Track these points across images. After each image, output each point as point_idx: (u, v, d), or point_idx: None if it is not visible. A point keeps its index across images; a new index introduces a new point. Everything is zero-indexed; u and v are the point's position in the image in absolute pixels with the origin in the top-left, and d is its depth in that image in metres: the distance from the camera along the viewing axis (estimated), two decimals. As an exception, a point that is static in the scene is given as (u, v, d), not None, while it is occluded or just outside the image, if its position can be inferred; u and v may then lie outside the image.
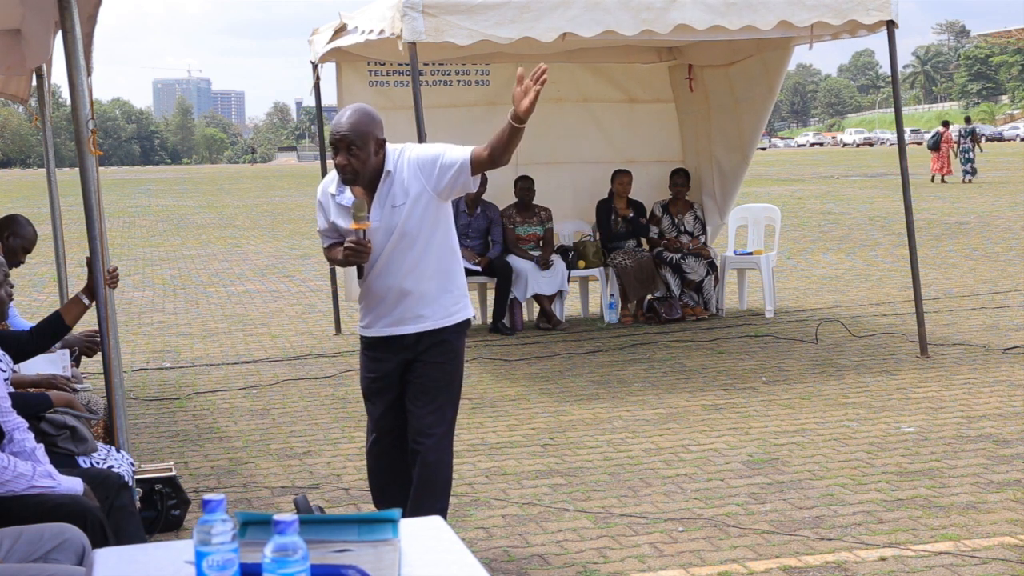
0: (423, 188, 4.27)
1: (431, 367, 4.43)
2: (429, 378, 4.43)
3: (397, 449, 4.60)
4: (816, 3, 7.95)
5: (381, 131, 4.26)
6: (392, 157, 4.29)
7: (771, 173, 42.10)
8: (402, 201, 4.26)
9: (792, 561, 4.42)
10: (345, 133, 4.19)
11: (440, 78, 10.30)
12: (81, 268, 5.22)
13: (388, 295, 4.38)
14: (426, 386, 4.44)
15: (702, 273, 10.20)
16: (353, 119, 4.21)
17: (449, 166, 4.23)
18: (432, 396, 4.44)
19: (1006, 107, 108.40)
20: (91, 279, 4.71)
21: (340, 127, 4.20)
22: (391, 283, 4.36)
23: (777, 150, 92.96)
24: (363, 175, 4.25)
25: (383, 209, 4.28)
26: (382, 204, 4.28)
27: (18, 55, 7.08)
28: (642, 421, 6.71)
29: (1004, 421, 6.43)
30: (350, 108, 4.29)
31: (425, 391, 4.44)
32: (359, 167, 4.22)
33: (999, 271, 13.21)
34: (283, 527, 2.07)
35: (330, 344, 9.73)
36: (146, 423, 7.08)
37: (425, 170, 4.26)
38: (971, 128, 32.37)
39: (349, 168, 4.22)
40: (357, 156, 4.20)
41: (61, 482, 3.62)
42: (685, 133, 11.15)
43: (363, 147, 4.19)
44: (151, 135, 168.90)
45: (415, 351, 4.42)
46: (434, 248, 4.36)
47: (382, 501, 4.67)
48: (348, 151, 4.20)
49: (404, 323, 4.40)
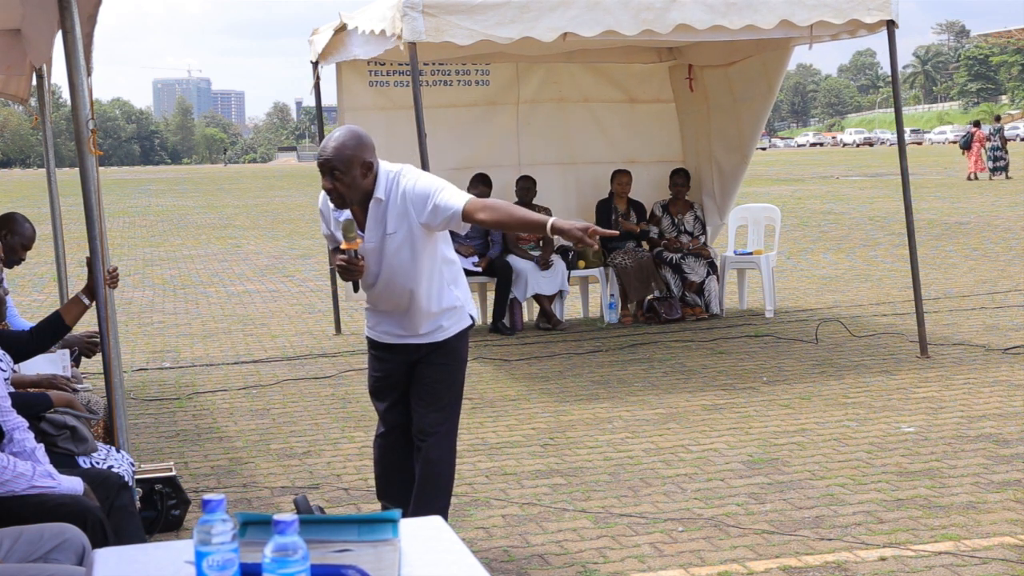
0: (414, 221, 4.22)
1: (434, 368, 4.49)
2: (432, 379, 4.49)
3: (404, 444, 4.66)
4: (816, 3, 7.95)
5: (371, 154, 4.18)
6: (384, 182, 4.22)
7: (771, 173, 42.11)
8: (393, 229, 4.23)
9: (792, 561, 4.42)
10: (328, 158, 4.12)
11: (440, 78, 10.30)
12: (81, 268, 5.21)
13: (390, 313, 4.46)
14: (430, 386, 4.49)
15: (702, 273, 10.20)
16: (338, 143, 4.13)
17: (443, 210, 4.14)
18: (435, 396, 4.50)
19: (1006, 107, 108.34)
20: (91, 279, 4.71)
21: (325, 152, 4.14)
22: (390, 305, 4.43)
23: (777, 150, 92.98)
24: (350, 197, 4.18)
25: (376, 232, 4.26)
26: (375, 227, 4.25)
27: (18, 55, 7.08)
28: (642, 421, 6.71)
29: (1004, 421, 6.43)
30: (338, 131, 4.21)
31: (429, 391, 4.50)
32: (344, 191, 4.16)
33: (999, 271, 13.21)
34: (283, 527, 2.07)
35: (330, 344, 9.73)
36: (146, 423, 7.07)
37: (417, 206, 4.19)
38: (999, 127, 32.74)
39: (335, 192, 4.17)
40: (341, 180, 4.13)
41: (61, 482, 3.62)
42: (685, 133, 11.15)
43: (347, 171, 4.12)
44: (151, 135, 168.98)
45: (419, 355, 4.49)
46: (430, 269, 4.35)
47: (387, 493, 4.72)
48: (331, 175, 4.13)
49: (407, 337, 4.47)
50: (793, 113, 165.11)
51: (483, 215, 4.09)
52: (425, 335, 4.45)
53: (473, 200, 4.13)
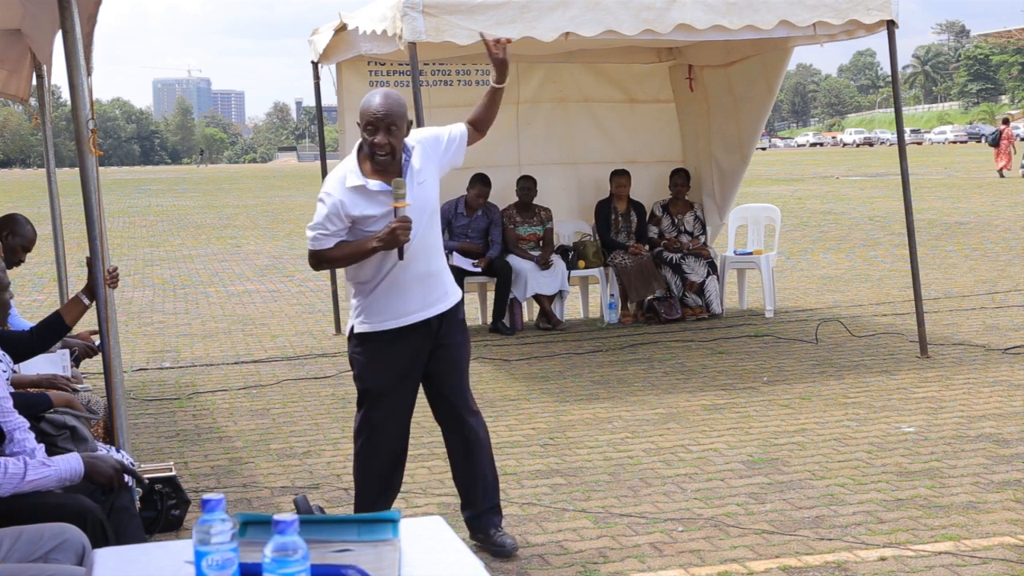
0: (433, 165, 4.46)
1: (454, 349, 4.57)
2: (457, 356, 4.59)
3: (399, 453, 4.68)
4: (816, 3, 7.95)
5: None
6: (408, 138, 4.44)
7: (771, 173, 42.11)
8: (423, 178, 4.41)
9: (792, 561, 4.42)
10: (385, 113, 4.26)
11: (441, 78, 10.30)
12: (81, 268, 5.22)
13: (417, 280, 4.45)
14: (457, 363, 4.59)
15: (702, 273, 10.19)
16: (388, 101, 4.29)
17: (454, 139, 4.50)
18: (463, 372, 4.62)
19: (1006, 107, 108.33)
20: (91, 279, 4.72)
21: (377, 110, 4.27)
22: (420, 266, 4.45)
23: (777, 150, 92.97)
24: (396, 154, 4.33)
25: (412, 188, 4.38)
26: (411, 183, 4.38)
27: (18, 54, 7.08)
28: (642, 421, 6.71)
29: (1004, 421, 6.43)
30: (381, 91, 4.37)
31: (456, 368, 4.59)
32: (396, 144, 4.31)
33: (999, 271, 13.21)
34: (283, 527, 2.07)
35: (330, 344, 9.73)
36: (146, 423, 7.07)
37: (433, 147, 4.46)
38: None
39: (388, 146, 4.29)
40: (396, 135, 4.29)
41: (57, 464, 3.52)
42: (685, 133, 11.15)
43: (400, 126, 4.30)
44: (151, 135, 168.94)
45: (436, 337, 4.51)
46: (437, 223, 4.54)
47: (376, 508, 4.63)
48: (388, 131, 4.28)
49: (429, 306, 4.49)
50: (793, 113, 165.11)
51: (474, 116, 4.58)
52: (446, 297, 4.52)
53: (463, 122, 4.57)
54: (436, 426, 6.60)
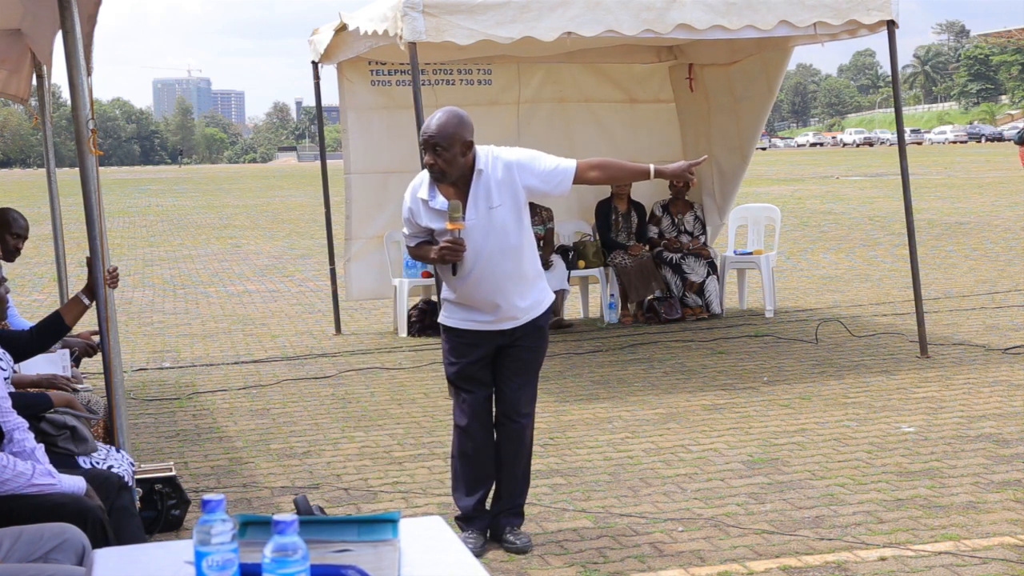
0: (519, 188, 4.51)
1: (526, 351, 4.67)
2: (524, 361, 4.69)
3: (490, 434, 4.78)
4: (816, 3, 7.95)
5: (470, 133, 4.47)
6: (484, 158, 4.51)
7: (771, 173, 42.11)
8: (499, 203, 4.49)
9: (792, 561, 4.42)
10: (432, 134, 4.43)
11: (442, 78, 10.30)
12: (81, 268, 5.21)
13: (487, 301, 4.57)
14: (521, 368, 4.69)
15: (703, 273, 10.19)
16: (441, 122, 4.43)
17: (557, 172, 4.54)
18: (527, 376, 4.71)
19: (1006, 107, 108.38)
20: (91, 279, 4.71)
21: (428, 129, 4.45)
22: (489, 289, 4.55)
23: (777, 150, 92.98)
24: (450, 174, 4.46)
25: (478, 209, 4.48)
26: (476, 203, 4.49)
27: (18, 54, 7.08)
28: (642, 421, 6.71)
29: (1004, 421, 6.43)
30: (440, 111, 4.50)
31: (519, 372, 4.68)
32: (444, 166, 4.44)
33: (999, 271, 13.21)
34: (283, 527, 2.07)
35: (330, 344, 9.73)
36: (146, 423, 7.07)
37: (524, 171, 4.52)
38: None
39: (436, 167, 4.45)
40: (442, 156, 4.42)
41: (61, 480, 3.60)
42: (685, 133, 11.15)
43: (448, 148, 4.41)
44: (151, 135, 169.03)
45: (511, 338, 4.64)
46: (525, 244, 4.60)
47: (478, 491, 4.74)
48: (434, 151, 4.43)
49: (502, 322, 4.61)
50: (793, 113, 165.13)
51: (594, 173, 4.60)
52: (521, 315, 4.59)
53: (581, 161, 4.59)
54: (436, 426, 6.63)
